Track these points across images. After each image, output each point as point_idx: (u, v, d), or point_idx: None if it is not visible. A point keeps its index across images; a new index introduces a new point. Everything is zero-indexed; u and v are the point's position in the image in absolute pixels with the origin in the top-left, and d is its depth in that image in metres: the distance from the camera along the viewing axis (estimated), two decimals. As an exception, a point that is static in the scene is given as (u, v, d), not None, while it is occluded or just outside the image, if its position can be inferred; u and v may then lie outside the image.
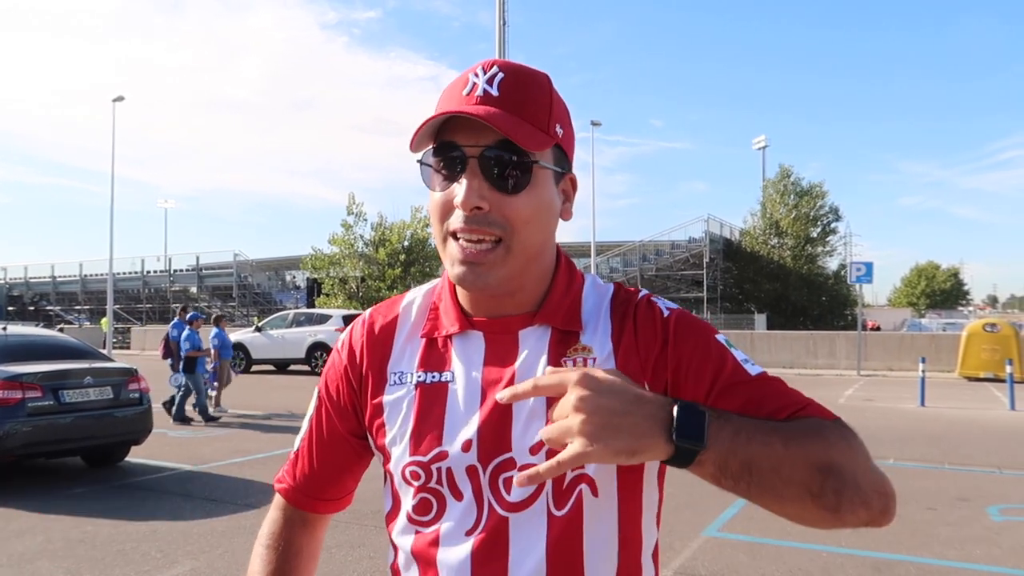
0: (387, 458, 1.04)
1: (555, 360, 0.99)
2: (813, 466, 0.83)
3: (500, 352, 1.01)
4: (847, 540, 5.45)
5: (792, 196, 38.09)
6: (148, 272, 46.91)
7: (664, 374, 0.97)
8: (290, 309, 27.65)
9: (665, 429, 0.78)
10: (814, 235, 38.18)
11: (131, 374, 7.94)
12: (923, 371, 13.70)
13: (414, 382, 1.03)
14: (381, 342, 1.08)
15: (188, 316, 11.78)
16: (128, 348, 32.83)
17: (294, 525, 1.14)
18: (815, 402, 0.95)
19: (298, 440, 1.16)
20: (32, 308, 48.31)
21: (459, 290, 1.04)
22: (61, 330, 25.35)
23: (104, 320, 31.05)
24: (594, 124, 31.52)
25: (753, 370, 0.97)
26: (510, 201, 0.94)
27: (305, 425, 1.15)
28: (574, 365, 0.98)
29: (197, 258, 45.33)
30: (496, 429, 0.97)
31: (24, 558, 5.01)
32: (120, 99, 28.25)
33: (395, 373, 1.05)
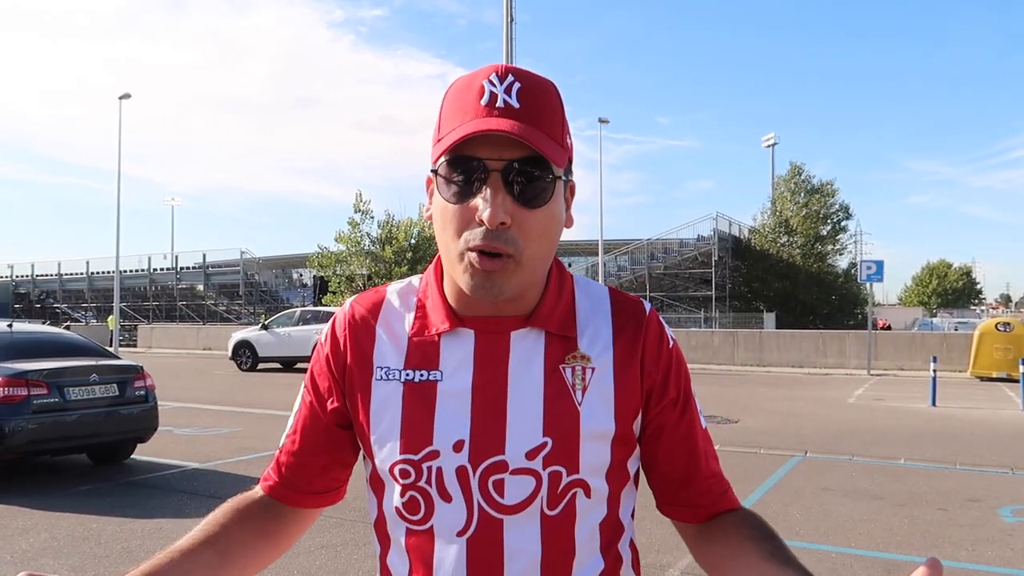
0: (372, 453, 1.03)
1: (553, 365, 1.00)
2: None
3: (491, 352, 1.00)
4: (856, 541, 5.39)
5: (803, 194, 37.93)
6: (155, 270, 47.15)
7: (653, 400, 1.04)
8: (297, 307, 27.68)
9: None
10: (824, 233, 38.03)
11: (137, 371, 7.92)
12: (934, 370, 13.59)
13: (402, 379, 1.01)
14: (364, 334, 1.06)
15: None
16: (135, 346, 32.98)
17: (267, 508, 1.11)
18: (728, 484, 1.09)
19: (284, 437, 1.13)
20: (39, 306, 48.59)
21: (448, 291, 1.03)
22: (67, 327, 25.43)
23: (111, 318, 31.17)
24: (602, 121, 31.37)
25: (703, 423, 1.09)
26: (530, 216, 0.93)
27: (291, 422, 1.13)
28: (572, 374, 1.00)
29: (204, 256, 45.54)
30: (489, 430, 0.97)
31: (28, 555, 4.99)
32: (127, 96, 28.29)
33: (381, 368, 1.03)
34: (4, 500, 6.32)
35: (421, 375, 1.01)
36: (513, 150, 0.91)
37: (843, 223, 38.62)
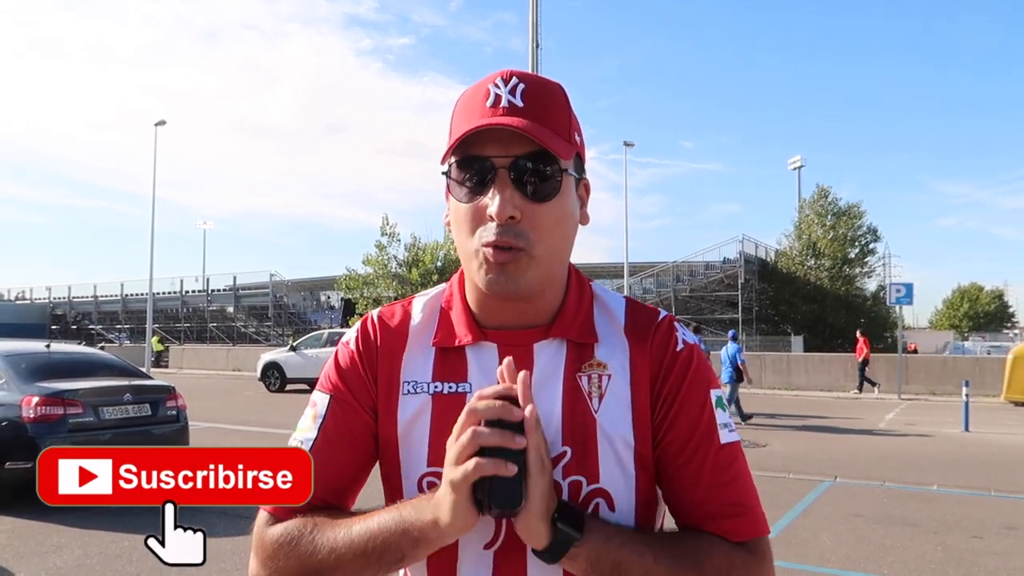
0: (399, 465, 1.02)
1: (571, 374, 1.01)
2: None
3: (515, 365, 0.98)
4: (889, 569, 5.30)
5: (830, 216, 37.59)
6: (186, 292, 47.80)
7: (657, 403, 1.01)
8: (324, 329, 27.91)
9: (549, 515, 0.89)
10: (852, 256, 37.58)
11: (169, 392, 8.06)
12: (967, 395, 13.32)
13: (430, 392, 1.02)
14: (392, 346, 1.06)
15: (731, 334, 15.10)
16: (166, 367, 33.40)
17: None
18: (745, 510, 0.98)
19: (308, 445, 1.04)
20: (74, 327, 49.45)
21: (471, 299, 1.04)
22: (102, 348, 25.83)
23: (155, 339, 31.82)
24: (627, 145, 31.50)
25: (725, 437, 1.00)
26: (539, 209, 0.95)
27: (313, 431, 1.04)
28: (588, 382, 1.00)
29: (234, 278, 46.11)
30: None
31: (62, 572, 5.08)
32: (162, 123, 28.93)
33: (408, 382, 1.03)
34: (40, 517, 6.44)
35: (450, 387, 1.01)
36: (519, 146, 0.93)
37: (871, 245, 38.18)
